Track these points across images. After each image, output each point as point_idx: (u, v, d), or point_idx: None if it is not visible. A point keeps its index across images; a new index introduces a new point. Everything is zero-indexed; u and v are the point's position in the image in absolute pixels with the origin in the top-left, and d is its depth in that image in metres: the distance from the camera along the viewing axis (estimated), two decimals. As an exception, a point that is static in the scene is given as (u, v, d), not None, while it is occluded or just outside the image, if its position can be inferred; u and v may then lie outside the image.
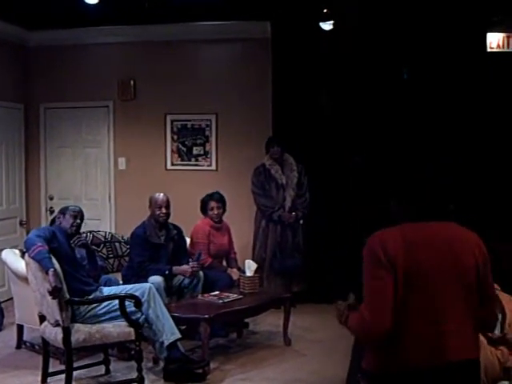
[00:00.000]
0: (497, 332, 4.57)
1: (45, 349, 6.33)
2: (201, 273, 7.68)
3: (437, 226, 3.29)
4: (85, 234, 8.19)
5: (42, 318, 6.28)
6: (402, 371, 3.14)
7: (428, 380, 3.11)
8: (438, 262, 3.16)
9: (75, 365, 6.13)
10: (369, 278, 3.21)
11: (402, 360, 3.13)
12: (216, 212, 8.25)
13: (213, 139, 10.02)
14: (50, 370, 6.32)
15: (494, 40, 8.49)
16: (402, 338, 3.12)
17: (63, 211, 6.49)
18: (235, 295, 7.41)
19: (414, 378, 3.12)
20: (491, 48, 8.49)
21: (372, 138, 9.08)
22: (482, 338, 4.34)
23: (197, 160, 10.10)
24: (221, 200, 8.32)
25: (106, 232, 8.95)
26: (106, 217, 10.33)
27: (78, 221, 6.46)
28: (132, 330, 6.09)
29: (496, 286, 4.73)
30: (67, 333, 5.86)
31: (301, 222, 9.10)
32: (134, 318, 6.15)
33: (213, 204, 8.26)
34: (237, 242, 8.65)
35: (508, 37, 8.49)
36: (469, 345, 3.21)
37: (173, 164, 10.17)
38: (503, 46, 8.49)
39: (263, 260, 8.87)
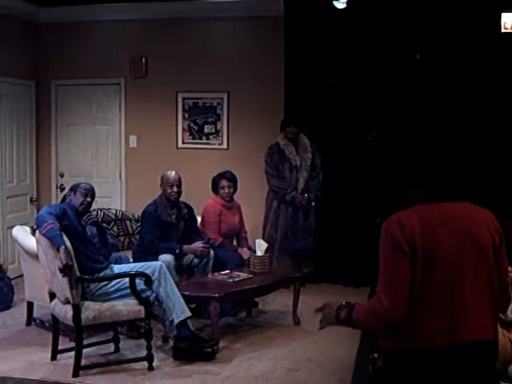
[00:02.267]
0: (510, 314, 4.54)
1: (54, 326, 6.36)
2: (211, 252, 7.67)
3: (451, 205, 3.26)
4: (95, 212, 8.18)
5: (52, 296, 6.30)
6: (419, 350, 3.13)
7: (445, 359, 3.10)
8: (455, 241, 3.14)
9: (85, 342, 6.16)
10: (387, 262, 3.17)
11: (419, 339, 3.12)
12: (227, 191, 8.23)
13: (224, 118, 9.97)
14: (60, 347, 6.36)
15: (509, 20, 8.41)
16: (420, 316, 3.11)
17: (74, 188, 6.48)
18: (245, 274, 7.41)
19: (431, 357, 3.11)
20: (505, 28, 8.42)
21: (385, 117, 9.04)
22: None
23: (208, 138, 10.07)
24: (232, 179, 8.29)
25: (116, 210, 8.94)
26: (116, 195, 10.33)
27: (89, 199, 6.45)
28: (142, 308, 6.10)
29: (510, 268, 4.71)
30: (77, 310, 5.88)
31: (313, 203, 9.07)
32: (144, 296, 6.16)
33: (224, 183, 8.24)
34: (247, 222, 8.64)
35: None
36: (486, 325, 3.19)
37: (184, 142, 10.13)
38: (518, 26, 8.43)
39: (273, 240, 8.85)
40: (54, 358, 6.31)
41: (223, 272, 7.45)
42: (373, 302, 3.19)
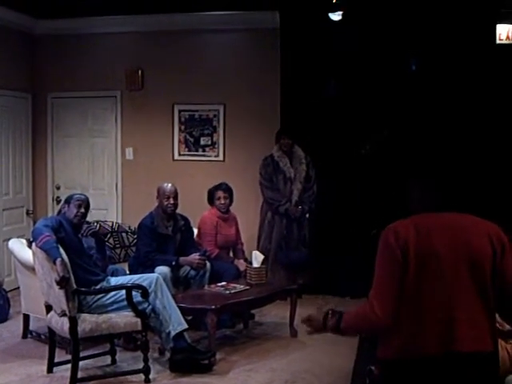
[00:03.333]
0: (508, 325, 4.53)
1: (51, 338, 6.35)
2: (208, 264, 7.66)
3: (450, 215, 3.29)
4: (92, 223, 8.17)
5: (49, 308, 6.29)
6: (414, 358, 3.14)
7: (439, 369, 3.10)
8: (450, 248, 3.16)
9: (81, 355, 6.12)
10: (381, 269, 3.23)
11: (413, 347, 3.13)
12: (223, 202, 8.24)
13: (220, 130, 9.98)
14: (56, 359, 6.35)
15: (504, 32, 8.43)
16: (414, 324, 3.13)
17: (68, 200, 6.44)
18: (242, 286, 7.40)
19: (425, 365, 3.12)
20: (500, 40, 8.43)
21: (381, 128, 9.05)
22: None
23: (204, 150, 10.07)
24: (228, 190, 8.31)
25: (112, 222, 8.92)
26: (112, 207, 10.32)
27: (83, 210, 6.39)
28: (139, 320, 6.09)
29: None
30: (74, 323, 5.86)
31: (307, 215, 9.07)
32: (140, 308, 6.15)
33: (220, 194, 8.25)
34: (243, 233, 8.64)
35: (517, 29, 8.45)
36: (481, 336, 3.17)
37: (180, 154, 10.14)
38: (513, 37, 8.46)
39: (268, 252, 8.82)
40: (50, 370, 6.29)
41: (220, 284, 7.44)
42: (364, 308, 3.24)
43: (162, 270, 7.22)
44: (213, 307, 6.63)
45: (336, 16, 8.61)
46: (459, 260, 3.15)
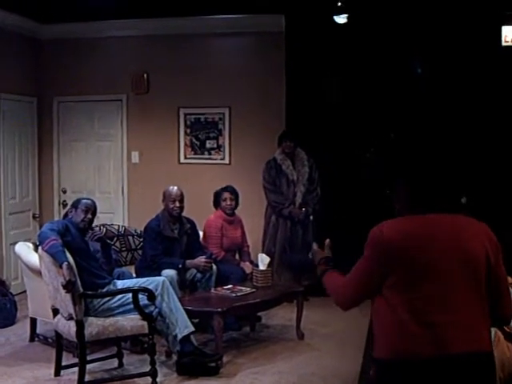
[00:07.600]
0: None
1: (58, 342, 6.34)
2: (214, 266, 7.67)
3: (442, 216, 3.25)
4: (98, 228, 8.18)
5: (56, 312, 6.29)
6: (407, 360, 3.10)
7: (434, 370, 3.07)
8: (442, 250, 3.12)
9: (88, 358, 6.12)
10: (360, 265, 3.28)
11: (407, 349, 3.09)
12: (229, 203, 8.25)
13: (226, 133, 9.99)
14: (63, 363, 6.35)
15: (509, 33, 8.44)
16: (408, 326, 3.09)
17: (75, 205, 6.46)
18: (248, 289, 7.41)
19: (418, 367, 3.08)
20: (506, 41, 8.45)
21: (385, 133, 9.07)
22: (499, 332, 4.32)
23: (210, 154, 10.08)
24: (234, 192, 8.32)
25: (119, 225, 8.93)
26: (119, 210, 10.34)
27: (90, 216, 6.41)
28: (145, 323, 6.09)
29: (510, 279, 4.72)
30: (80, 326, 5.86)
31: (311, 217, 9.06)
32: (147, 311, 6.14)
33: (226, 195, 8.26)
34: (248, 236, 8.64)
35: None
36: (476, 337, 3.13)
37: (186, 157, 10.15)
38: (518, 39, 8.46)
39: (272, 254, 8.82)
40: (57, 373, 6.29)
41: (226, 286, 7.44)
42: (337, 286, 3.46)
43: (169, 273, 7.22)
44: (219, 310, 6.64)
45: (341, 19, 8.63)
46: (453, 262, 3.11)
